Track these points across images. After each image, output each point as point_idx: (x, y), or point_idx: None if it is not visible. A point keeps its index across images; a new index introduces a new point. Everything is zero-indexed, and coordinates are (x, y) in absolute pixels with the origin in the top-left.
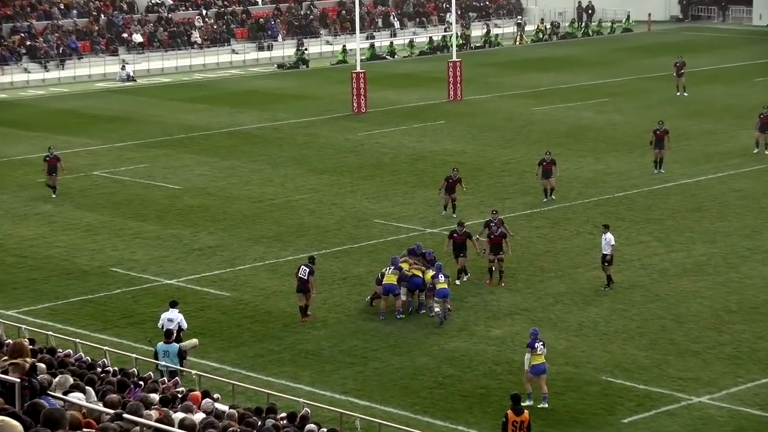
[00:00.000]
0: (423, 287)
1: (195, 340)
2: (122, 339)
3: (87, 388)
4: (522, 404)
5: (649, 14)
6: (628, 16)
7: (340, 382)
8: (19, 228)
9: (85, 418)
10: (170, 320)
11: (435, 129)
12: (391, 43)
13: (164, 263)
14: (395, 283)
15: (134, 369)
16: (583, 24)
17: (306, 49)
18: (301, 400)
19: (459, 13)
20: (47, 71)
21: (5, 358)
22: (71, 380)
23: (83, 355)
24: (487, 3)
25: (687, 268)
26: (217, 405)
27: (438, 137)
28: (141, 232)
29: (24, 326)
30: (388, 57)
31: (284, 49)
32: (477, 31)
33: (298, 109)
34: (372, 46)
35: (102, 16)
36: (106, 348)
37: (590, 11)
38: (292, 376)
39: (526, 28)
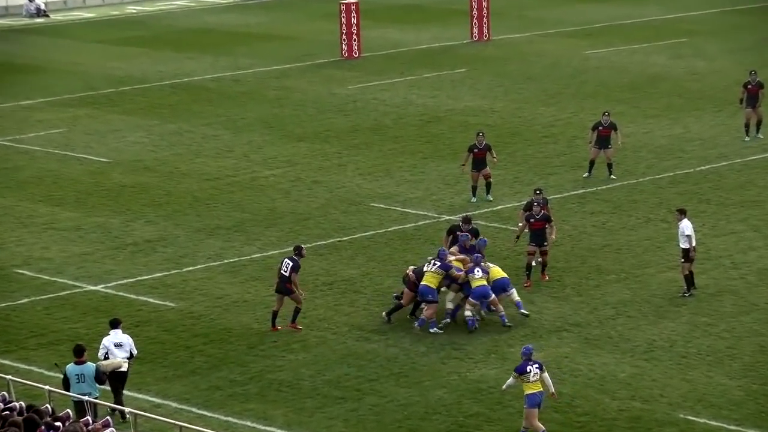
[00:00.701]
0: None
1: (118, 359)
2: (31, 365)
3: None
4: None
5: None
6: None
7: (325, 423)
8: None
9: None
10: (119, 345)
11: (453, 80)
12: None
13: (86, 263)
14: (434, 286)
15: (47, 405)
16: None
17: None
18: None
19: None
20: None
21: None
22: None
23: None
24: None
25: None
26: None
27: (457, 91)
28: (55, 221)
29: None
30: None
31: None
32: None
33: (267, 54)
34: None
35: None
36: (9, 377)
37: None
38: (260, 416)
39: None
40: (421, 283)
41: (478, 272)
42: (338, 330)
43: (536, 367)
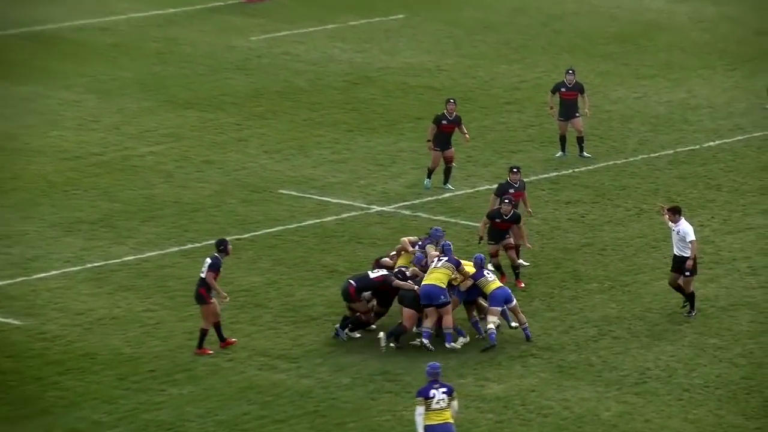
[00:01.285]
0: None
1: None
2: None
3: None
4: None
5: None
6: None
7: None
8: None
9: None
10: None
11: (388, 29)
12: None
13: None
14: (444, 285)
15: None
16: None
17: None
18: None
19: None
20: None
21: None
22: None
23: None
24: None
25: None
26: None
27: (393, 44)
28: None
29: None
30: None
31: None
32: None
33: None
34: None
35: None
36: None
37: None
38: None
39: None
40: (425, 283)
41: (488, 275)
42: (235, 356)
43: (443, 392)
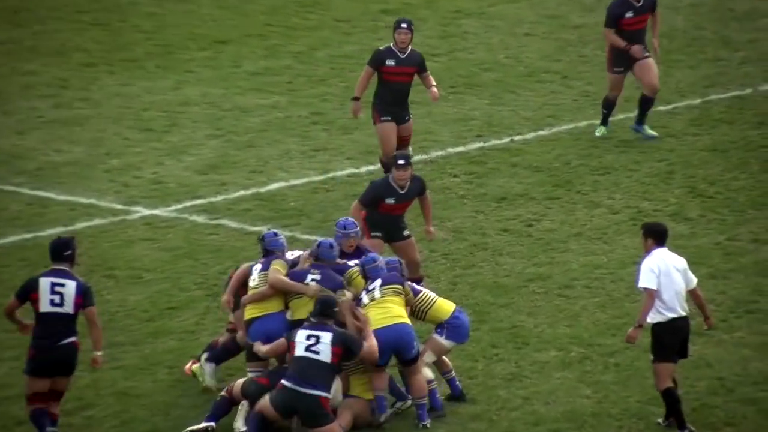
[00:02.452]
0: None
1: None
2: None
3: None
4: None
5: None
6: None
7: None
8: None
9: None
10: None
11: None
12: None
13: None
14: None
15: None
16: None
17: None
18: None
19: None
20: None
21: None
22: None
23: None
24: None
25: None
26: None
27: None
28: None
29: None
30: None
31: None
32: None
33: None
34: None
35: None
36: None
37: None
38: None
39: None
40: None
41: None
42: None
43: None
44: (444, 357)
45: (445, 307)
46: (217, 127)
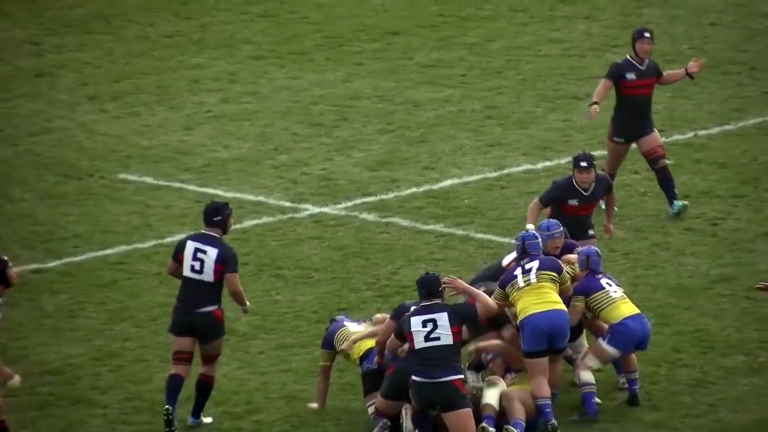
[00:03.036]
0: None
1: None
2: None
3: None
4: None
5: None
6: None
7: None
8: None
9: None
10: None
11: None
12: None
13: None
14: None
15: None
16: None
17: None
18: None
19: None
20: None
21: None
22: None
23: None
24: None
25: None
26: None
27: None
28: None
29: None
30: None
31: None
32: None
33: None
34: None
35: None
36: None
37: None
38: None
39: None
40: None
41: (610, 285)
42: None
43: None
44: (632, 355)
45: (618, 311)
46: (387, 121)
